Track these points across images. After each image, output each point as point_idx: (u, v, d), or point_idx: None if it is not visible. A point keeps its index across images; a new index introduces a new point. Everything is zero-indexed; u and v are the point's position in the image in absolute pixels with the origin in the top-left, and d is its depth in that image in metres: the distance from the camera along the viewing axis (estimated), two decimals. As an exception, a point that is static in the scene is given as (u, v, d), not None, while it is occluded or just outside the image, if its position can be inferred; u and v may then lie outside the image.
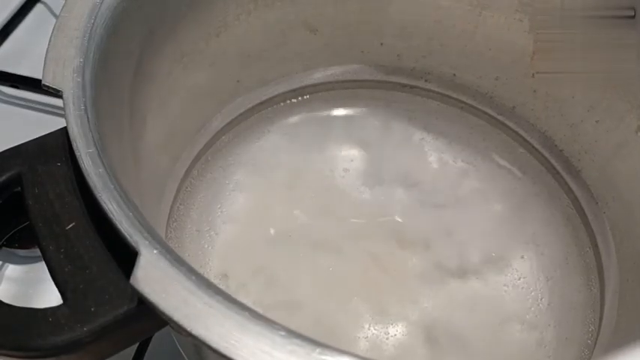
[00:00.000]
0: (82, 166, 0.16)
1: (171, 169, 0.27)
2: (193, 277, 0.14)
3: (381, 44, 0.31)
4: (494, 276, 0.26)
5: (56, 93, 0.17)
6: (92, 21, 0.19)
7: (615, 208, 0.26)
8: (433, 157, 0.30)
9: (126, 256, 0.15)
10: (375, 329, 0.24)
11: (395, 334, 0.24)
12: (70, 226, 0.16)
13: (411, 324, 0.25)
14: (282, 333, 0.13)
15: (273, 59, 0.30)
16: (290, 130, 0.31)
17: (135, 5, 0.21)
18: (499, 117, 0.31)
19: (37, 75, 0.21)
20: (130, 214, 0.15)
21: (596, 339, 0.24)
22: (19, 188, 0.17)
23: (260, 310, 0.13)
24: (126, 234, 0.15)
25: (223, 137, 0.30)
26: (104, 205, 0.15)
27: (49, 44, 0.18)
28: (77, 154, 0.16)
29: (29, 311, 0.15)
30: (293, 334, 0.13)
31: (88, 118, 0.17)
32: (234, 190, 0.29)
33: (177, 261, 0.14)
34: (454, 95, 0.31)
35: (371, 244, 0.27)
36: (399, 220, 0.28)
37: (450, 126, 0.31)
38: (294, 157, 0.30)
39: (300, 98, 0.32)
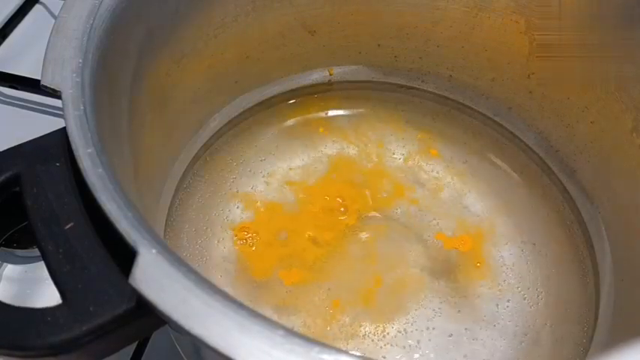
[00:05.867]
0: (80, 166, 0.16)
1: (169, 169, 0.27)
2: (192, 277, 0.14)
3: (379, 45, 0.31)
4: (490, 275, 0.27)
5: (55, 93, 0.17)
6: (91, 22, 0.19)
7: (610, 208, 0.27)
8: (430, 157, 0.30)
9: (125, 256, 0.15)
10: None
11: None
12: (69, 226, 0.16)
13: (406, 321, 0.25)
14: (281, 332, 0.13)
15: (271, 60, 0.30)
16: (288, 131, 0.31)
17: (134, 6, 0.21)
18: (495, 117, 0.31)
19: (36, 75, 0.21)
20: (129, 214, 0.15)
21: (592, 338, 0.25)
22: (18, 188, 0.17)
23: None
24: (125, 234, 0.15)
25: (222, 138, 0.30)
26: (103, 205, 0.15)
27: (47, 45, 0.18)
28: (76, 154, 0.16)
29: (28, 311, 0.15)
30: (292, 333, 0.13)
31: (87, 118, 0.17)
32: (232, 190, 0.29)
33: (176, 260, 0.14)
34: (451, 96, 0.32)
35: (368, 244, 0.27)
36: (396, 218, 0.28)
37: (446, 126, 0.32)
38: (292, 157, 0.30)
39: (298, 99, 0.32)
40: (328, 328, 0.25)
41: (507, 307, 0.26)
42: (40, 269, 0.30)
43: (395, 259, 0.27)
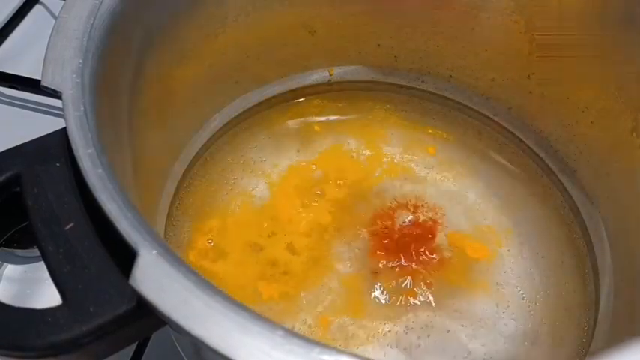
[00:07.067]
0: (81, 166, 0.16)
1: (170, 169, 0.27)
2: (192, 277, 0.14)
3: (379, 45, 0.31)
4: (489, 275, 0.27)
5: (55, 94, 0.17)
6: (91, 22, 0.19)
7: (610, 209, 0.27)
8: (429, 157, 0.30)
9: (125, 257, 0.15)
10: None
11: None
12: (70, 226, 0.16)
13: (406, 321, 0.25)
14: (281, 333, 0.13)
15: (271, 60, 0.30)
16: (288, 131, 0.31)
17: (134, 6, 0.21)
18: (495, 118, 0.31)
19: (37, 76, 0.21)
20: (129, 214, 0.15)
21: (591, 338, 0.25)
22: (19, 188, 0.17)
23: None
24: (125, 234, 0.15)
25: (222, 138, 0.30)
26: (103, 206, 0.15)
27: (48, 45, 0.18)
28: (76, 154, 0.16)
29: (28, 311, 0.15)
30: (291, 334, 0.13)
31: (87, 118, 0.17)
32: (232, 190, 0.29)
33: (176, 261, 0.14)
34: (451, 96, 0.32)
35: (366, 244, 0.27)
36: (394, 218, 0.28)
37: (446, 126, 0.32)
38: (293, 158, 0.30)
39: (298, 99, 0.32)
40: (326, 329, 0.25)
41: (507, 307, 0.26)
42: (40, 269, 0.30)
43: (392, 258, 0.27)
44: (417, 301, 0.25)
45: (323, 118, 0.32)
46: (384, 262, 0.26)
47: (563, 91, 0.28)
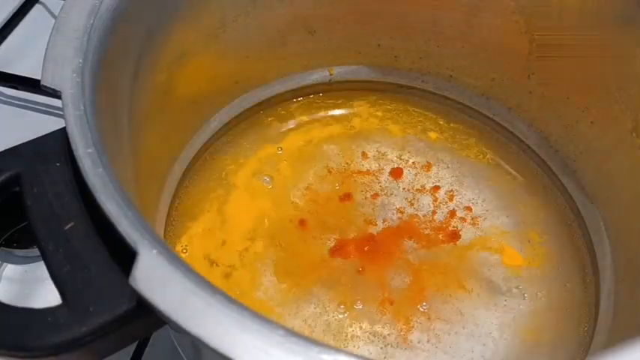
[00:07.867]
0: (81, 166, 0.16)
1: (169, 168, 0.27)
2: (192, 277, 0.14)
3: (379, 45, 0.31)
4: (489, 275, 0.27)
5: (55, 93, 0.17)
6: (91, 21, 0.19)
7: (610, 208, 0.27)
8: (429, 157, 0.30)
9: (125, 256, 0.15)
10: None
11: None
12: (69, 226, 0.16)
13: (406, 322, 0.25)
14: (281, 332, 0.13)
15: (271, 60, 0.30)
16: (288, 131, 0.31)
17: (134, 6, 0.21)
18: (495, 118, 0.31)
19: (36, 75, 0.21)
20: (129, 214, 0.15)
21: (592, 338, 0.25)
22: (18, 188, 0.17)
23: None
24: (125, 234, 0.15)
25: (222, 138, 0.30)
26: (103, 205, 0.15)
27: (48, 45, 0.18)
28: (76, 154, 0.16)
29: (28, 311, 0.15)
30: (291, 333, 0.13)
31: (87, 118, 0.17)
32: (232, 190, 0.29)
33: (176, 260, 0.14)
34: (451, 96, 0.32)
35: (365, 244, 0.27)
36: (394, 218, 0.28)
37: (446, 126, 0.32)
38: (293, 158, 0.30)
39: (298, 99, 0.32)
40: (327, 329, 0.25)
41: (507, 306, 0.26)
42: (40, 269, 0.30)
43: (391, 257, 0.27)
44: (418, 302, 0.25)
45: (323, 118, 0.32)
46: (378, 261, 0.26)
47: (563, 91, 0.28)
